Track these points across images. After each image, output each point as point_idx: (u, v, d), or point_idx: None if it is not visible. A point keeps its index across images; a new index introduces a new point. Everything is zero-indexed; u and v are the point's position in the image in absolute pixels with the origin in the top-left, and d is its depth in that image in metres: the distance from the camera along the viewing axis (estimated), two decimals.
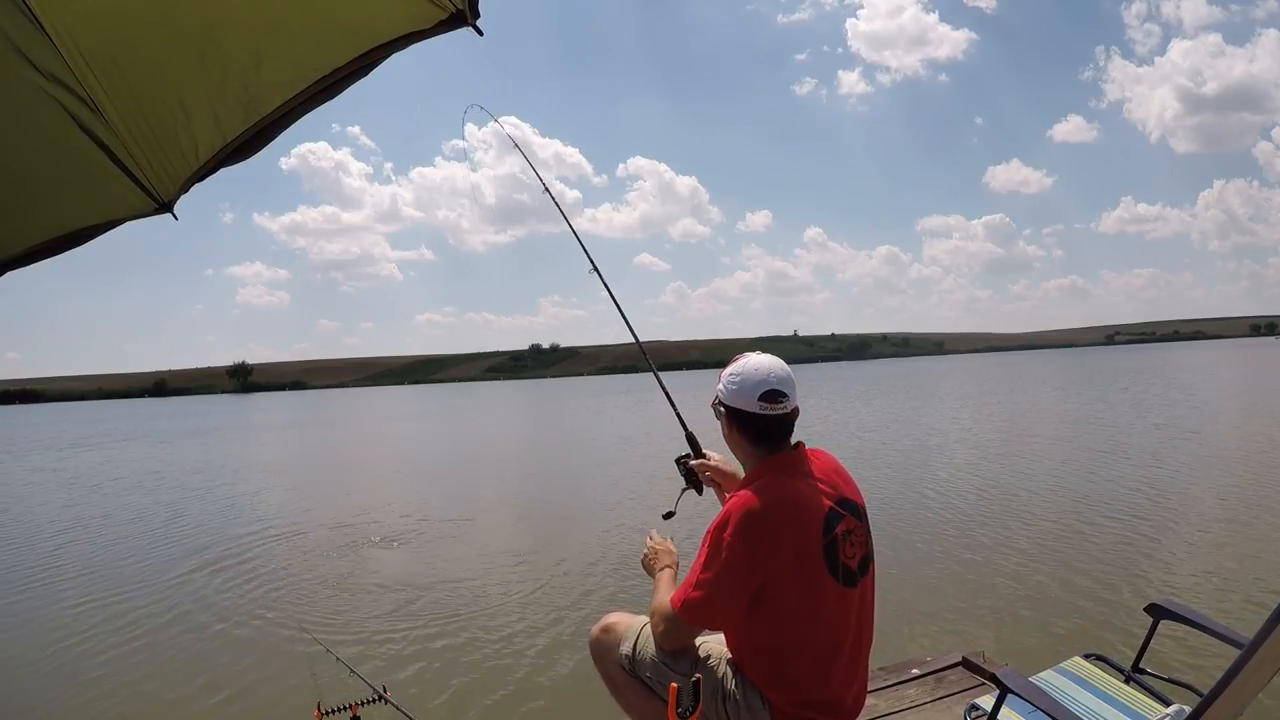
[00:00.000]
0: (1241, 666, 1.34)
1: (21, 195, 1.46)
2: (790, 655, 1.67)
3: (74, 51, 1.24)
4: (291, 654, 4.99)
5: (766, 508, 1.62)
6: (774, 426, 1.73)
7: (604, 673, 1.93)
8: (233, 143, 1.35)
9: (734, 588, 1.63)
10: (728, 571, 1.62)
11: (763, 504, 1.63)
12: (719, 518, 1.67)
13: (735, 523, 1.62)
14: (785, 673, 1.68)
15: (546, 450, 20.31)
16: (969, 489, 9.56)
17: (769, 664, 1.70)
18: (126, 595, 6.78)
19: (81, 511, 11.80)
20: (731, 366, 1.78)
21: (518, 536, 8.83)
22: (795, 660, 1.67)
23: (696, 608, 1.67)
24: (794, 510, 1.64)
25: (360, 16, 1.24)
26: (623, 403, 41.04)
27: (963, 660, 2.97)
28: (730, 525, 1.62)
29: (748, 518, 1.62)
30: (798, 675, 1.68)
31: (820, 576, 1.62)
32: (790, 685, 1.68)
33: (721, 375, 1.80)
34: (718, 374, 1.84)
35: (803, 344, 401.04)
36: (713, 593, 1.65)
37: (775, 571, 1.61)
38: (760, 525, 1.61)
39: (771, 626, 1.66)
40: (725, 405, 1.76)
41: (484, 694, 4.37)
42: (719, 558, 1.63)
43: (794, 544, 1.62)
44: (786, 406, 1.72)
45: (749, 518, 1.62)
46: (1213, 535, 6.72)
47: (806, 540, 1.62)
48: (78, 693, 4.70)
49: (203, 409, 73.30)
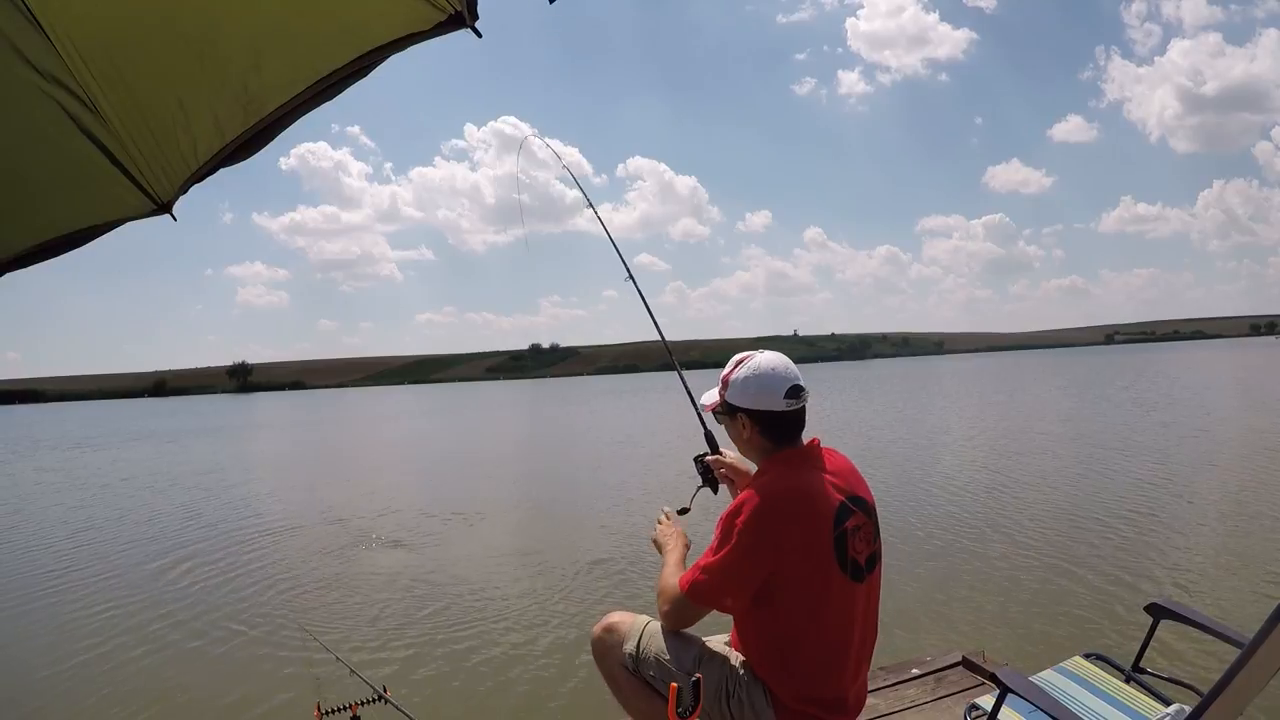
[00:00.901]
0: (1241, 666, 1.34)
1: (21, 196, 1.46)
2: (797, 647, 1.68)
3: (73, 52, 1.24)
4: (291, 654, 4.99)
5: (780, 497, 1.65)
6: (796, 421, 1.76)
7: (606, 672, 1.92)
8: (232, 143, 1.34)
9: (743, 572, 1.65)
10: (738, 556, 1.64)
11: (776, 493, 1.66)
12: (733, 505, 1.69)
13: (749, 509, 1.64)
14: (791, 665, 1.69)
15: (548, 450, 20.32)
16: (969, 488, 9.56)
17: (775, 656, 1.71)
18: (126, 594, 6.78)
19: (94, 513, 11.75)
20: (741, 369, 1.77)
21: (519, 536, 8.83)
22: (801, 652, 1.68)
23: (704, 589, 1.69)
24: (806, 501, 1.66)
25: (359, 18, 1.24)
26: (623, 402, 41.07)
27: (963, 660, 2.98)
28: (744, 512, 1.65)
29: (761, 505, 1.64)
30: (803, 668, 1.69)
31: (829, 568, 1.64)
32: (796, 679, 1.69)
33: (728, 379, 1.78)
34: (720, 377, 1.82)
35: (802, 344, 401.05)
36: (721, 575, 1.67)
37: (785, 559, 1.62)
38: (772, 513, 1.63)
39: (778, 616, 1.67)
40: (745, 408, 1.75)
41: (484, 694, 4.38)
42: (730, 542, 1.65)
43: (804, 534, 1.64)
44: (806, 399, 1.76)
45: (762, 505, 1.64)
46: (1213, 534, 6.72)
47: (817, 531, 1.64)
48: (79, 692, 4.70)
49: (204, 409, 73.38)
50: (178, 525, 10.22)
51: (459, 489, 13.15)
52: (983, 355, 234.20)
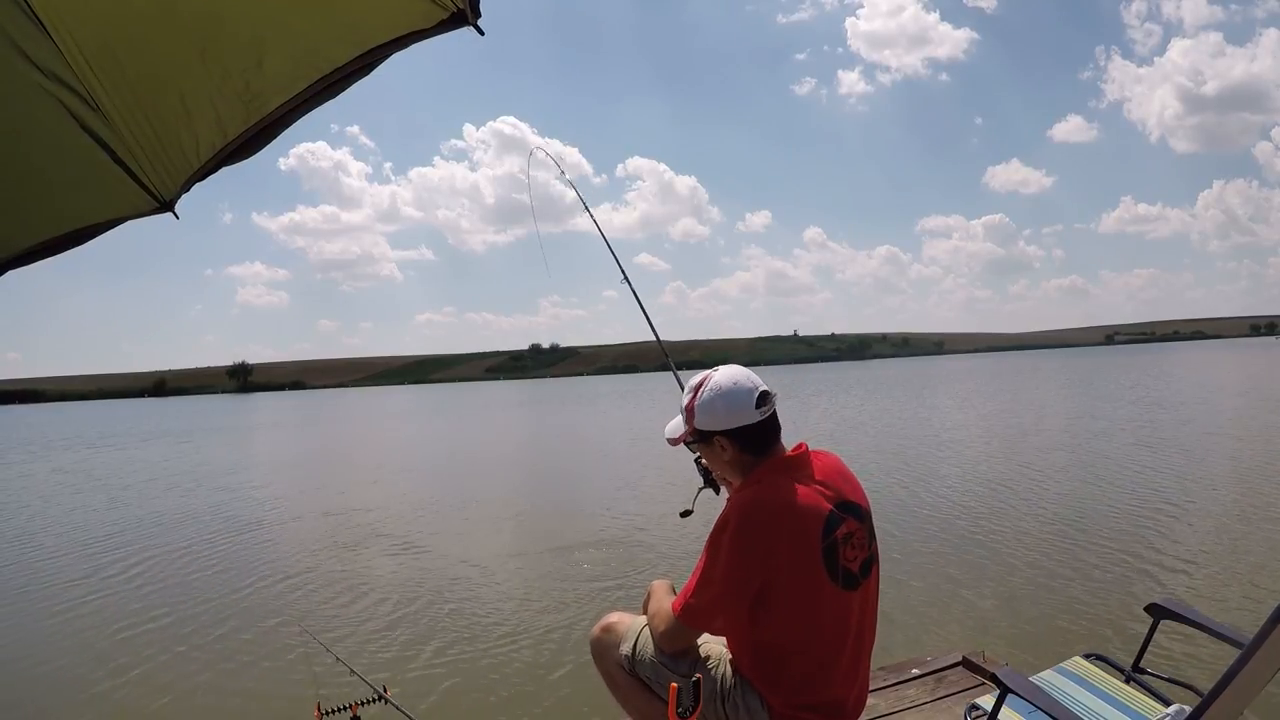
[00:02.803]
0: (1241, 666, 1.33)
1: (22, 194, 1.45)
2: (790, 657, 1.67)
3: (74, 49, 1.24)
4: (291, 654, 4.98)
5: (763, 510, 1.62)
6: (773, 428, 1.74)
7: (604, 672, 1.92)
8: (234, 141, 1.34)
9: (733, 591, 1.63)
10: (727, 574, 1.62)
11: (759, 507, 1.63)
12: (719, 522, 1.67)
13: (733, 526, 1.62)
14: (784, 674, 1.68)
15: (549, 449, 20.33)
16: (969, 488, 9.56)
17: (769, 666, 1.70)
18: (126, 593, 6.78)
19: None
20: (704, 392, 1.72)
21: (519, 536, 8.83)
22: (795, 662, 1.67)
23: (696, 612, 1.68)
24: (790, 513, 1.62)
25: (362, 15, 1.24)
26: (624, 402, 41.06)
27: (963, 660, 2.97)
28: (729, 528, 1.63)
29: (745, 521, 1.62)
30: (797, 677, 1.68)
31: (819, 580, 1.62)
32: (789, 687, 1.68)
33: (692, 406, 1.73)
34: (682, 406, 1.77)
35: (802, 344, 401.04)
36: (712, 597, 1.66)
37: (773, 573, 1.60)
38: (758, 528, 1.61)
39: (771, 629, 1.66)
40: (720, 431, 1.71)
41: (484, 694, 4.37)
42: (718, 561, 1.63)
43: (791, 547, 1.61)
44: (775, 402, 1.73)
45: (746, 521, 1.62)
46: (1213, 534, 6.72)
47: (805, 543, 1.61)
48: (79, 692, 4.71)
49: (206, 409, 73.36)
50: (177, 525, 10.21)
51: (460, 489, 13.15)
52: (983, 355, 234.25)
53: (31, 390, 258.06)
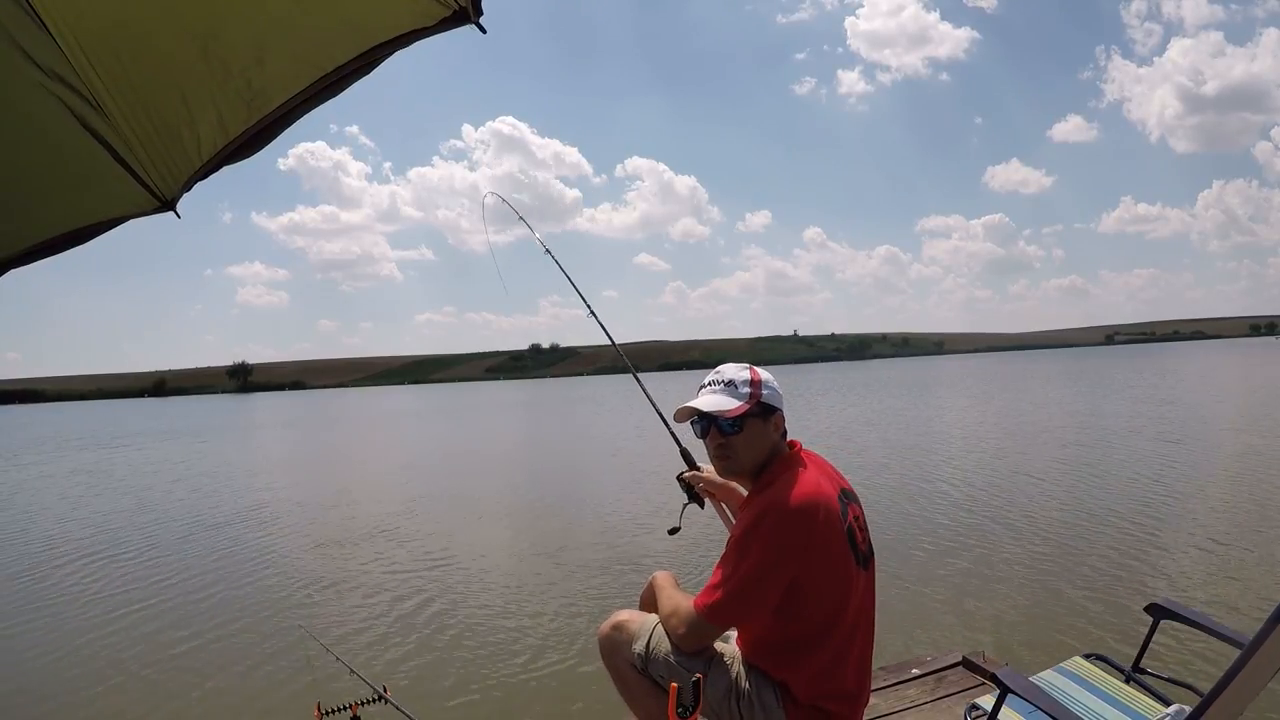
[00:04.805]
0: (1241, 666, 1.34)
1: (23, 193, 1.46)
2: (814, 646, 1.69)
3: (75, 48, 1.24)
4: (291, 654, 4.99)
5: (802, 501, 1.65)
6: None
7: (613, 670, 1.91)
8: (236, 140, 1.34)
9: (766, 585, 1.64)
10: (762, 570, 1.63)
11: (798, 498, 1.66)
12: (750, 518, 1.68)
13: (772, 521, 1.64)
14: (806, 663, 1.70)
15: (549, 449, 20.33)
16: (969, 488, 9.56)
17: (790, 656, 1.71)
18: (126, 594, 6.78)
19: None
20: (761, 371, 1.83)
21: (521, 535, 8.84)
22: (818, 651, 1.69)
23: (722, 607, 1.68)
24: (824, 501, 1.67)
25: (363, 13, 1.24)
26: (624, 403, 41.02)
27: (963, 660, 2.97)
28: (766, 524, 1.64)
29: (785, 515, 1.64)
30: (819, 665, 1.70)
31: (848, 561, 1.68)
32: (811, 676, 1.70)
33: (759, 380, 1.80)
34: (745, 380, 1.79)
35: (802, 344, 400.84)
36: (743, 591, 1.66)
37: (808, 564, 1.63)
38: (797, 518, 1.64)
39: (798, 619, 1.68)
40: (780, 407, 1.82)
41: (484, 694, 4.37)
42: (749, 556, 1.64)
43: (825, 534, 1.65)
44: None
45: (787, 515, 1.64)
46: (1213, 535, 6.71)
47: (835, 528, 1.67)
48: (78, 692, 4.71)
49: (209, 409, 73.31)
50: (176, 524, 10.22)
51: (460, 488, 13.16)
52: (983, 355, 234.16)
53: (31, 390, 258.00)
